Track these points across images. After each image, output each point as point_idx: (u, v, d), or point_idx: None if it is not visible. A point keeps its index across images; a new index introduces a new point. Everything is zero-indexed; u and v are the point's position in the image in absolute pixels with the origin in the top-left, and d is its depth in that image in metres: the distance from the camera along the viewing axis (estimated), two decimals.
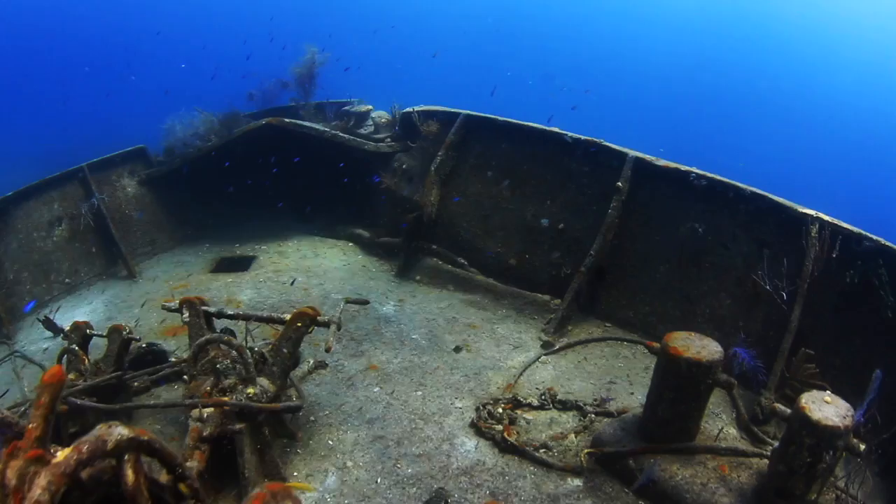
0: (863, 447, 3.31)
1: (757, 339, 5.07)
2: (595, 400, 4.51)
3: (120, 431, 1.47)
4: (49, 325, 6.38)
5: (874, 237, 4.80)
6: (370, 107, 8.01)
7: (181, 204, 8.27)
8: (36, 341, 6.06)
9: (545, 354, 5.19)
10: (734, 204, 5.45)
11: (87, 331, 4.34)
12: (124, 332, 4.16)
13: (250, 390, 3.26)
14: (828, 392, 3.46)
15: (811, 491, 3.34)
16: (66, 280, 7.49)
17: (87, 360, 4.28)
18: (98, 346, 4.52)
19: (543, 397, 4.46)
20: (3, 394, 4.83)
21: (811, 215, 5.05)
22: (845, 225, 4.96)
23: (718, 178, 5.56)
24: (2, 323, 6.54)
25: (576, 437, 4.11)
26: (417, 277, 6.73)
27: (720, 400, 4.83)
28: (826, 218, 5.02)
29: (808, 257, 4.93)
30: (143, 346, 4.85)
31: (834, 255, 4.85)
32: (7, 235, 7.25)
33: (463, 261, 6.62)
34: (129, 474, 1.47)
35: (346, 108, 8.10)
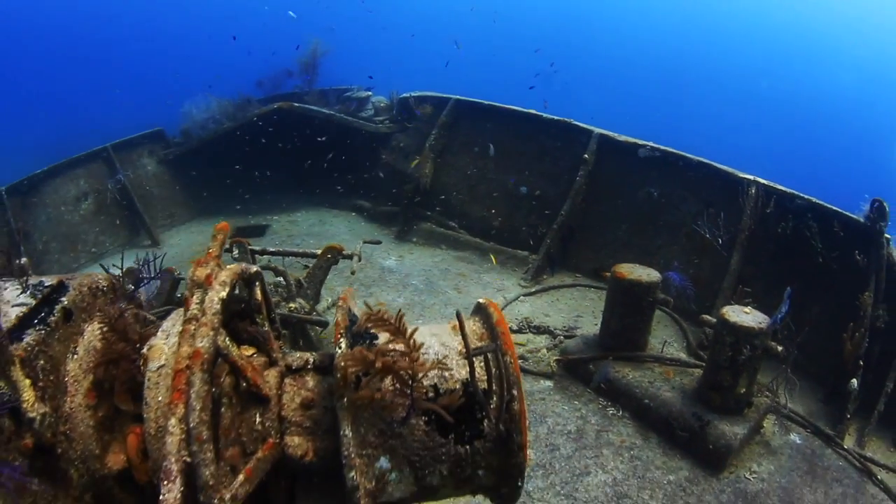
0: (780, 349, 4.06)
1: (705, 283, 5.88)
2: (564, 327, 5.35)
3: (255, 266, 2.32)
4: None
5: (805, 196, 5.55)
6: (369, 92, 8.75)
7: (197, 181, 8.90)
8: None
9: (524, 295, 6.11)
10: (683, 171, 6.26)
11: (140, 274, 5.12)
12: (175, 273, 4.96)
13: (291, 305, 4.07)
14: (748, 307, 4.29)
15: (739, 385, 4.08)
16: (93, 249, 8.14)
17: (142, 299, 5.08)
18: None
19: (521, 324, 5.27)
20: None
21: (749, 179, 5.82)
22: (779, 186, 5.71)
23: (670, 149, 6.37)
24: None
25: (547, 352, 4.89)
26: (414, 239, 7.46)
27: (673, 332, 5.70)
28: (762, 181, 5.78)
29: (745, 213, 5.72)
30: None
31: (768, 211, 5.61)
32: (36, 209, 7.88)
33: (454, 224, 7.39)
34: (258, 293, 2.32)
35: (347, 94, 8.82)
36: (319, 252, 4.38)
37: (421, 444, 1.85)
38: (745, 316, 4.08)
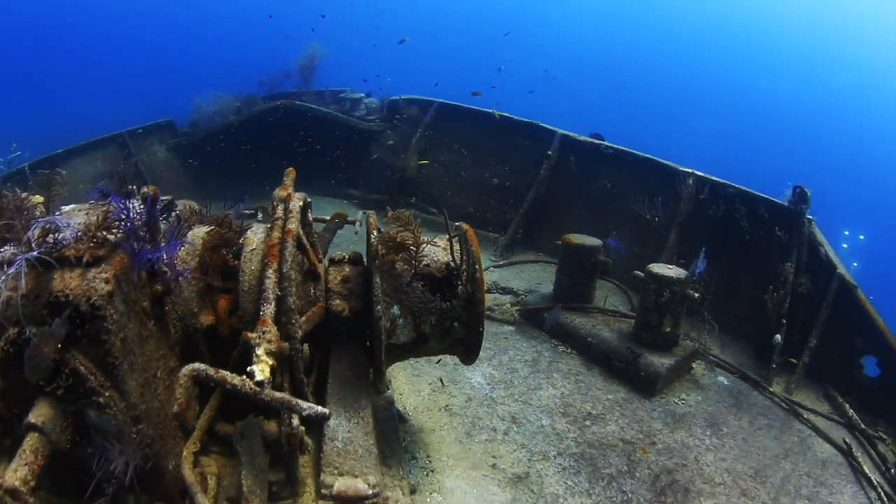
0: (696, 295, 5.04)
1: (648, 258, 6.92)
2: (525, 289, 6.31)
3: (310, 199, 3.36)
4: None
5: (735, 185, 6.57)
6: (362, 94, 9.85)
7: (203, 168, 9.51)
8: None
9: (493, 267, 7.20)
10: (632, 166, 7.33)
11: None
12: None
13: None
14: (672, 265, 5.31)
15: (664, 324, 5.02)
16: None
17: None
18: None
19: (490, 286, 6.24)
20: None
21: (687, 171, 6.85)
22: (714, 177, 6.74)
23: (622, 147, 7.45)
24: None
25: (511, 306, 5.94)
26: None
27: (620, 298, 6.66)
28: (699, 173, 6.80)
29: (683, 199, 6.76)
30: None
31: (702, 197, 6.63)
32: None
33: (435, 210, 8.40)
34: (310, 217, 3.37)
35: (341, 95, 9.81)
36: (329, 217, 5.40)
37: (419, 300, 2.92)
38: (667, 270, 5.14)
